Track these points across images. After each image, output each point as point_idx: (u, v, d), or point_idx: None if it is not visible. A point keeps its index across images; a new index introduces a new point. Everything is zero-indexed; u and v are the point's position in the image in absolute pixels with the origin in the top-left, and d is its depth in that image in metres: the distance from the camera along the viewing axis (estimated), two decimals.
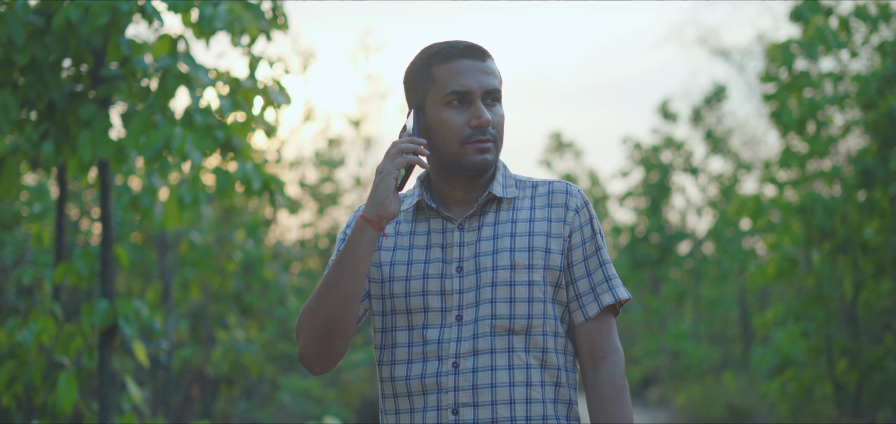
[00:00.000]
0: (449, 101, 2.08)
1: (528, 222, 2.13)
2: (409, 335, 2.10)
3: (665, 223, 20.39)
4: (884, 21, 8.95)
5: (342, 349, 2.10)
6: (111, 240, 4.30)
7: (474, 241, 2.11)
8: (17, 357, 4.49)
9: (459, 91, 2.08)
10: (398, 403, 2.10)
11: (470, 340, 2.06)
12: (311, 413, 11.03)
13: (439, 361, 2.06)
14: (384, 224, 2.06)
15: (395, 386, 2.11)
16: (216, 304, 11.11)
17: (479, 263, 2.09)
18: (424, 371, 2.07)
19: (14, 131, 4.14)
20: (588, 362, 2.13)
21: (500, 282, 2.07)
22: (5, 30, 3.80)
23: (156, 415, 8.49)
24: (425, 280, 2.10)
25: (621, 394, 2.09)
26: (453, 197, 2.15)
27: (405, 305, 2.10)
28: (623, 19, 35.99)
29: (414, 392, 2.08)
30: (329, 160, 16.75)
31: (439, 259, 2.11)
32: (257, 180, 4.35)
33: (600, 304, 2.13)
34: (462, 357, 2.06)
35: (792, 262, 10.07)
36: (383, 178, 2.05)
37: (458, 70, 2.09)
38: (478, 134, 2.07)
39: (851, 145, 9.72)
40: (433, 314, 2.08)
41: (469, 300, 2.08)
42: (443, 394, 2.05)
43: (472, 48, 2.11)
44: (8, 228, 7.08)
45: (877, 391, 9.02)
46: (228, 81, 4.34)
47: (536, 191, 2.17)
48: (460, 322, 2.07)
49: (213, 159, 5.81)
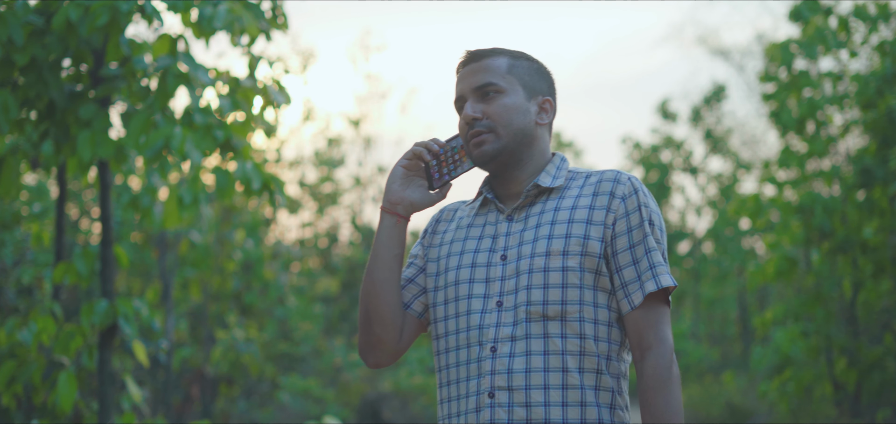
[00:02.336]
0: (458, 109, 2.24)
1: (570, 210, 2.17)
2: (457, 322, 2.18)
3: (665, 223, 20.40)
4: (883, 21, 8.95)
5: (388, 341, 2.20)
6: (111, 240, 4.30)
7: (520, 230, 2.18)
8: (17, 357, 4.49)
9: (456, 98, 2.24)
10: (450, 390, 2.18)
11: (509, 326, 2.12)
12: (311, 413, 11.03)
13: (480, 346, 2.13)
14: (399, 210, 2.19)
15: (448, 373, 2.19)
16: (216, 304, 11.11)
17: (521, 251, 2.15)
18: (468, 357, 2.15)
19: (14, 131, 4.14)
20: (636, 352, 2.13)
21: (536, 268, 2.12)
22: (5, 30, 3.81)
23: (155, 415, 8.49)
24: (473, 268, 2.18)
25: (664, 386, 2.07)
26: (507, 192, 2.24)
27: (455, 292, 2.18)
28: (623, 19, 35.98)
29: (460, 378, 2.15)
30: (329, 160, 16.75)
31: (488, 248, 2.19)
32: (257, 180, 4.36)
33: (644, 291, 2.11)
34: (500, 342, 2.11)
35: (791, 262, 10.07)
36: (393, 167, 2.23)
37: (457, 79, 2.25)
38: (470, 130, 2.19)
39: (851, 145, 9.73)
40: (476, 300, 2.16)
41: (509, 286, 2.14)
42: (481, 378, 2.11)
43: (468, 56, 2.24)
44: (8, 227, 7.08)
45: (876, 390, 9.02)
46: (228, 80, 4.34)
47: (588, 180, 2.21)
48: (500, 308, 2.13)
49: (213, 158, 5.82)
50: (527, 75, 2.22)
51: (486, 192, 2.25)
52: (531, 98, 2.21)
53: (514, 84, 2.20)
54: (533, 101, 2.21)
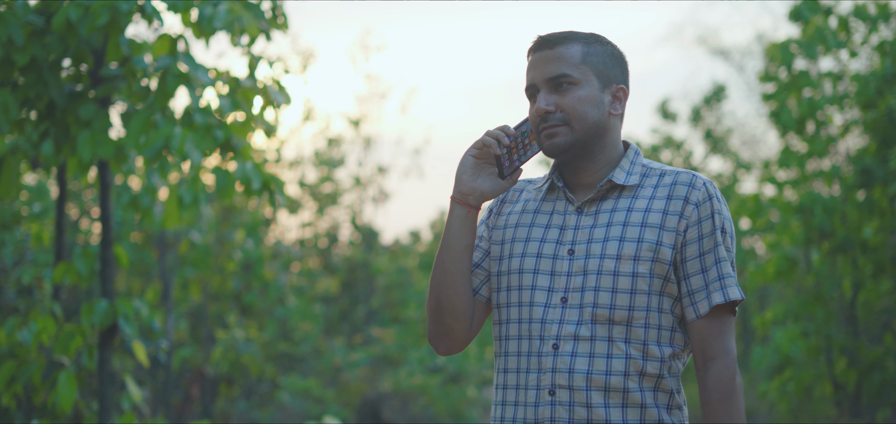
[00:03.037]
0: (528, 95, 2.18)
1: (644, 212, 2.12)
2: (519, 312, 2.14)
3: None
4: (883, 21, 8.95)
5: (459, 329, 2.18)
6: (111, 240, 4.30)
7: (590, 226, 2.13)
8: (17, 357, 4.49)
9: (528, 86, 2.17)
10: (507, 378, 2.14)
11: (573, 324, 2.08)
12: (311, 413, 11.03)
13: (541, 340, 2.10)
14: (470, 201, 2.16)
15: (507, 361, 2.15)
16: (216, 304, 11.11)
17: (590, 248, 2.11)
18: (529, 349, 2.11)
19: (14, 131, 4.14)
20: (699, 361, 2.11)
21: (605, 271, 2.08)
22: (5, 30, 3.80)
23: (155, 415, 8.49)
24: (538, 259, 2.14)
25: (728, 399, 2.06)
26: (577, 181, 2.18)
27: (518, 281, 2.14)
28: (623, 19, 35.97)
29: (520, 369, 2.12)
30: (329, 160, 16.75)
31: (555, 240, 2.14)
32: (257, 180, 4.35)
33: (711, 302, 2.08)
34: (563, 340, 2.08)
35: (791, 261, 10.07)
36: (462, 162, 2.18)
37: (528, 66, 2.18)
38: (542, 122, 2.13)
39: (851, 145, 9.73)
40: (540, 292, 2.12)
41: (576, 284, 2.09)
42: (542, 374, 2.08)
43: (540, 41, 2.17)
44: (8, 227, 7.08)
45: (876, 390, 9.02)
46: (228, 80, 4.34)
47: (662, 180, 2.16)
48: (565, 305, 2.09)
49: (213, 158, 5.82)
50: (601, 63, 2.16)
51: (556, 179, 2.20)
52: (605, 88, 2.16)
53: (588, 74, 2.14)
54: (607, 90, 2.16)
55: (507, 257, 2.18)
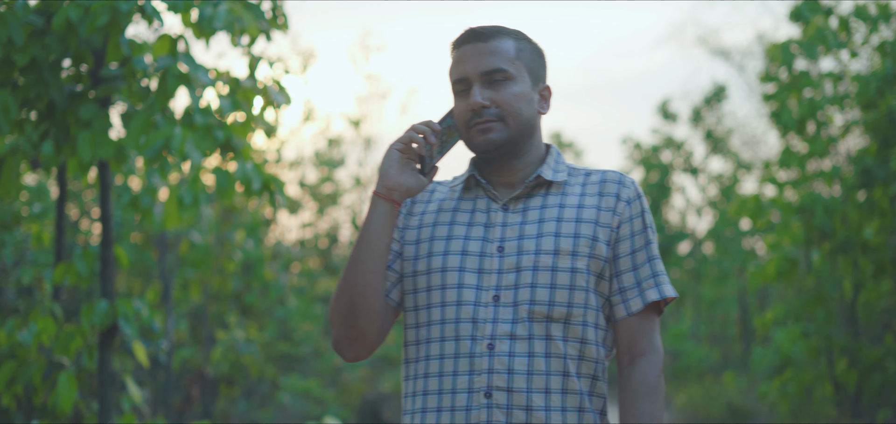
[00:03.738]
0: (456, 90, 2.11)
1: (577, 208, 2.08)
2: (443, 312, 2.04)
3: (665, 223, 20.38)
4: (884, 21, 8.95)
5: (371, 333, 2.06)
6: (111, 240, 4.30)
7: (519, 223, 2.07)
8: (17, 357, 4.49)
9: (458, 79, 2.10)
10: (428, 383, 2.04)
11: (508, 323, 2.00)
12: (311, 414, 11.03)
13: (473, 341, 2.01)
14: (396, 197, 2.05)
15: (427, 366, 2.05)
16: (216, 304, 11.11)
17: (521, 245, 2.04)
18: (458, 350, 2.02)
19: (14, 131, 4.13)
20: (625, 358, 2.08)
21: (542, 267, 2.02)
22: (5, 30, 3.80)
23: (156, 415, 8.48)
24: (464, 256, 2.06)
25: (653, 393, 2.04)
26: (499, 180, 2.12)
27: (442, 280, 2.05)
28: (623, 19, 35.98)
29: (445, 372, 2.02)
30: (329, 160, 16.75)
31: (480, 237, 2.07)
32: (257, 180, 4.35)
33: (645, 299, 2.07)
34: (498, 339, 2.00)
35: (792, 262, 10.07)
36: (387, 151, 2.07)
37: (459, 58, 2.10)
38: (476, 117, 2.06)
39: (851, 145, 9.72)
40: (468, 291, 2.03)
41: (508, 281, 2.02)
42: (476, 375, 1.99)
43: (472, 32, 2.10)
44: (8, 228, 7.08)
45: (877, 391, 9.02)
46: (228, 81, 4.34)
47: (589, 179, 2.13)
48: (497, 304, 2.01)
49: (213, 159, 5.81)
50: (531, 61, 2.13)
51: (478, 174, 2.13)
52: (535, 86, 2.13)
53: (521, 70, 2.10)
54: (535, 88, 2.13)
55: (425, 257, 2.09)
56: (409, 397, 2.08)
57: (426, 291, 2.07)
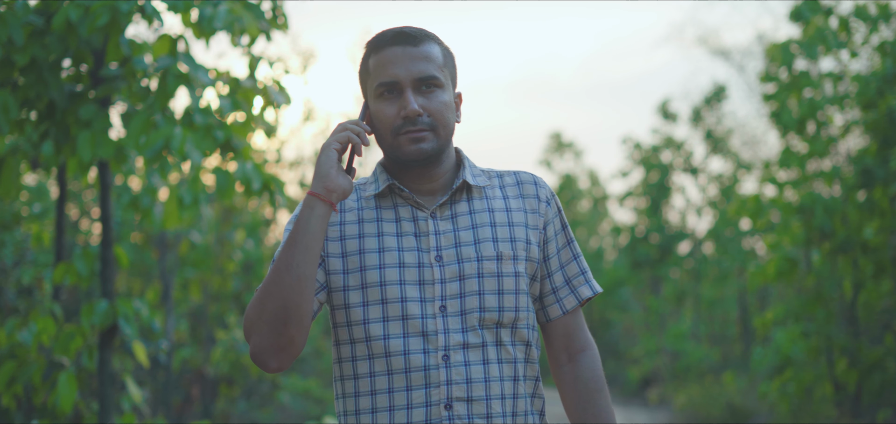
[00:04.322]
0: (380, 92, 2.00)
1: (506, 212, 2.05)
2: (385, 327, 1.96)
3: (665, 223, 20.38)
4: (884, 21, 8.95)
5: (300, 341, 1.93)
6: (111, 240, 4.30)
7: (451, 230, 2.01)
8: (17, 357, 4.49)
9: (387, 82, 1.99)
10: (376, 401, 1.96)
11: (459, 332, 1.95)
12: (311, 414, 11.03)
13: (425, 354, 1.94)
14: (334, 199, 1.94)
15: (373, 383, 1.96)
16: (216, 304, 11.11)
17: (460, 253, 1.99)
18: (408, 365, 1.94)
19: (14, 131, 4.13)
20: (563, 356, 2.08)
21: (487, 273, 1.98)
22: (5, 30, 3.80)
23: (156, 415, 8.48)
24: (401, 269, 1.97)
25: (604, 388, 2.06)
26: (418, 187, 2.04)
27: (382, 294, 1.96)
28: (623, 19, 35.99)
29: (396, 388, 1.94)
30: None
31: (414, 248, 1.99)
32: (257, 180, 4.35)
33: (578, 297, 2.08)
34: (452, 350, 1.94)
35: (792, 262, 10.07)
36: (325, 151, 1.96)
37: (387, 60, 2.00)
38: (408, 125, 1.98)
39: (851, 145, 9.72)
40: (412, 304, 1.95)
41: (452, 290, 1.97)
42: (432, 388, 1.93)
43: (402, 34, 2.00)
44: (8, 228, 7.07)
45: (877, 391, 9.02)
46: (228, 81, 4.34)
47: (504, 180, 2.10)
48: (445, 313, 1.96)
49: (213, 159, 5.82)
50: (452, 68, 2.08)
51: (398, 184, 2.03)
52: (454, 93, 2.07)
53: (447, 78, 2.04)
54: (454, 96, 2.08)
55: (357, 271, 1.99)
56: (350, 415, 1.99)
57: (362, 306, 1.98)
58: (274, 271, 1.92)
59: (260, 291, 1.94)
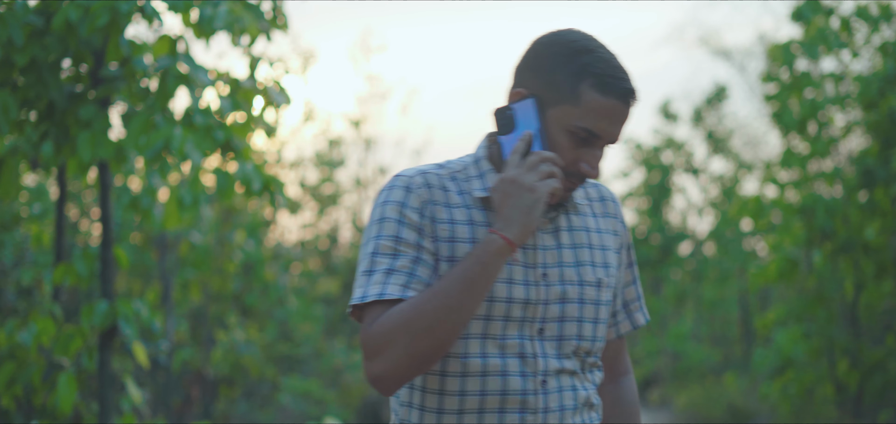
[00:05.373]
0: (575, 130, 1.78)
1: (598, 233, 1.93)
2: (483, 346, 1.80)
3: (666, 224, 20.37)
4: (885, 21, 8.94)
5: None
6: (111, 241, 4.29)
7: (555, 247, 1.87)
8: (16, 358, 4.48)
9: (594, 133, 1.78)
10: (462, 420, 1.81)
11: (556, 358, 1.83)
12: (312, 415, 11.02)
13: (523, 377, 1.80)
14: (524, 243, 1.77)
15: (463, 402, 1.80)
16: (216, 305, 11.10)
17: (563, 274, 1.85)
18: (505, 387, 1.80)
19: (14, 132, 4.12)
20: (609, 374, 2.05)
21: (588, 300, 1.87)
22: (5, 30, 3.79)
23: (156, 416, 8.48)
24: (510, 285, 1.82)
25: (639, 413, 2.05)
26: None
27: (486, 309, 1.80)
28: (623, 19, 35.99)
29: (488, 409, 1.80)
30: (329, 161, 16.74)
31: (521, 263, 1.83)
32: (257, 181, 4.35)
33: (633, 323, 2.03)
34: (549, 376, 1.82)
35: (793, 263, 10.06)
36: (537, 199, 1.73)
37: (608, 110, 1.77)
38: (576, 178, 1.82)
39: (853, 146, 9.72)
40: (513, 324, 1.81)
41: (553, 313, 1.84)
42: (528, 414, 1.80)
43: (632, 94, 1.79)
44: (7, 228, 7.07)
45: (878, 392, 9.01)
46: (228, 81, 4.33)
47: (589, 194, 1.97)
48: (542, 337, 1.83)
49: (213, 159, 5.81)
50: None
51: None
52: None
53: None
54: None
55: None
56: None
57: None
58: (441, 308, 1.71)
59: (412, 320, 1.72)
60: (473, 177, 1.88)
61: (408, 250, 1.79)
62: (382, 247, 1.80)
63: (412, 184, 1.83)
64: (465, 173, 1.88)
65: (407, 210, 1.81)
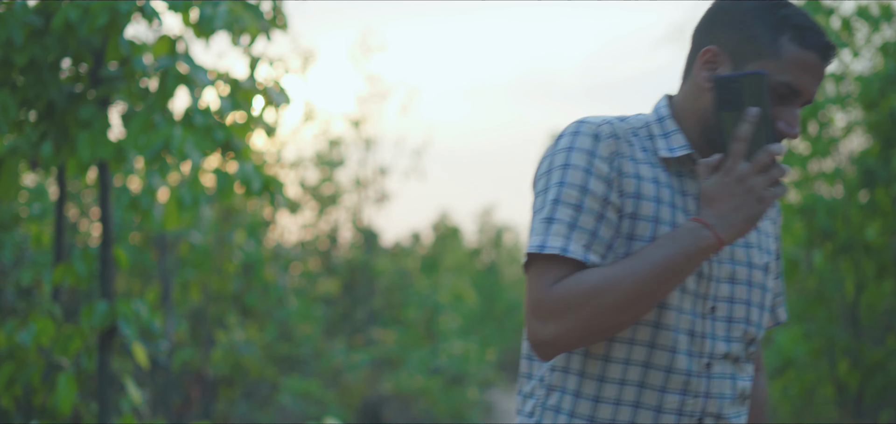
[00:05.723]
0: (776, 87, 1.66)
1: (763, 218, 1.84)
2: (659, 315, 1.69)
3: None
4: (886, 21, 8.93)
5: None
6: (111, 241, 4.28)
7: None
8: (16, 359, 4.47)
9: (795, 89, 1.67)
10: (622, 392, 1.69)
11: (724, 341, 1.73)
12: (312, 415, 11.01)
13: (689, 356, 1.70)
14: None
15: (625, 370, 1.69)
16: (216, 305, 11.09)
17: (733, 253, 1.75)
18: (671, 364, 1.69)
19: (13, 132, 4.12)
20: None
21: (756, 284, 1.77)
22: (4, 30, 3.78)
23: (155, 416, 8.47)
24: None
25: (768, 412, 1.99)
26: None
27: None
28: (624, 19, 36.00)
29: (649, 385, 1.69)
30: (329, 161, 16.74)
31: None
32: (257, 181, 4.34)
33: (776, 319, 1.93)
34: (715, 360, 1.72)
35: (793, 263, 10.05)
36: (762, 210, 1.62)
37: (808, 64, 1.67)
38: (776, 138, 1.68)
39: (853, 146, 9.71)
40: (688, 297, 1.70)
41: (723, 292, 1.73)
42: (689, 398, 1.70)
43: (832, 49, 1.71)
44: (7, 229, 7.06)
45: (879, 392, 9.00)
46: (228, 81, 4.32)
47: None
48: (714, 316, 1.73)
49: (213, 159, 5.81)
50: None
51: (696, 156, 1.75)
52: None
53: None
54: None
55: (647, 241, 1.69)
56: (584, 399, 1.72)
57: None
58: (635, 291, 1.61)
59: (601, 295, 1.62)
60: (657, 135, 1.76)
61: (593, 205, 1.67)
62: (566, 195, 1.67)
63: (600, 132, 1.70)
64: (646, 130, 1.77)
65: (596, 160, 1.69)
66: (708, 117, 1.71)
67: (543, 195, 1.71)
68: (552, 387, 1.74)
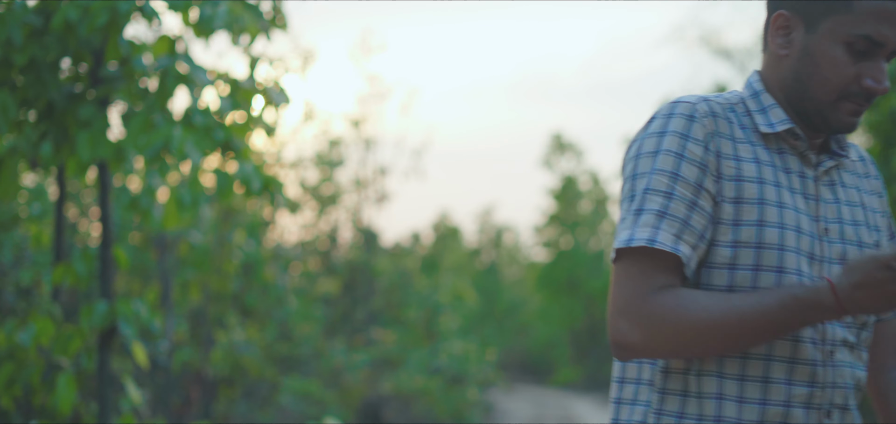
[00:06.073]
0: (852, 41, 1.59)
1: (867, 195, 1.76)
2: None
3: None
4: None
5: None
6: (110, 241, 4.28)
7: (833, 201, 1.68)
8: (15, 359, 4.47)
9: (876, 41, 1.58)
10: (744, 388, 1.60)
11: (842, 327, 1.63)
12: (312, 415, 11.01)
13: (813, 345, 1.61)
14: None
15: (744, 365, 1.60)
16: (216, 305, 11.09)
17: (844, 231, 1.67)
18: (795, 354, 1.60)
19: (13, 132, 4.12)
20: (891, 360, 1.79)
21: None
22: (4, 30, 3.78)
23: (155, 417, 8.47)
24: (799, 235, 1.61)
25: None
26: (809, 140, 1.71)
27: (778, 259, 1.59)
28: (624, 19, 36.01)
29: (773, 378, 1.59)
30: (329, 161, 16.75)
31: (807, 212, 1.64)
32: (257, 181, 4.34)
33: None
34: (837, 347, 1.63)
35: None
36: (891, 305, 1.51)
37: (886, 12, 1.57)
38: (861, 97, 1.61)
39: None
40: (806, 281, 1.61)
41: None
42: (816, 389, 1.61)
43: None
44: (7, 229, 7.06)
45: None
46: (228, 81, 4.32)
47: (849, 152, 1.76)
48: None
49: (213, 159, 5.81)
50: None
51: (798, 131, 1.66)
52: None
53: None
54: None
55: (755, 225, 1.59)
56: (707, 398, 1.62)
57: (753, 270, 1.59)
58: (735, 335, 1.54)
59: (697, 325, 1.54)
60: (755, 111, 1.68)
61: (685, 192, 1.58)
62: (656, 183, 1.59)
63: (696, 112, 1.61)
64: (743, 106, 1.69)
65: (690, 143, 1.60)
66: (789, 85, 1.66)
67: (632, 182, 1.63)
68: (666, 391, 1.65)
